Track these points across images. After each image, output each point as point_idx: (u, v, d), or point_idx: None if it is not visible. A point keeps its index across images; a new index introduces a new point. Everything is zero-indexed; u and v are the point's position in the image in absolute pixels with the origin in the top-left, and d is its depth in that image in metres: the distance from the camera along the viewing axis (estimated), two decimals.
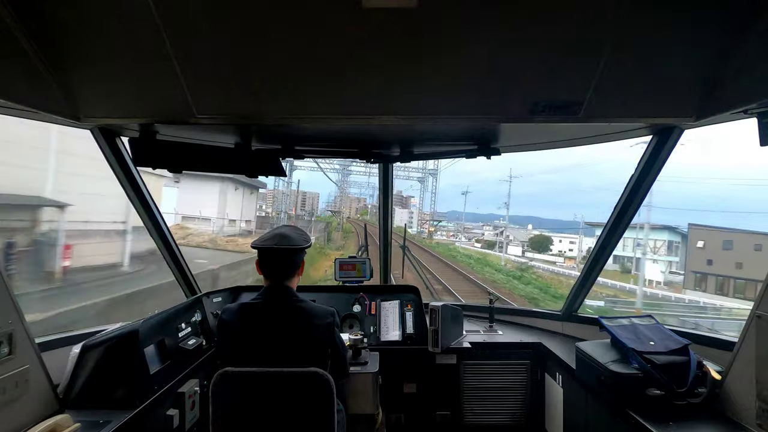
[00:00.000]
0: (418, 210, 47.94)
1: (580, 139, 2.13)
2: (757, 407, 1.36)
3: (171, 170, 2.05)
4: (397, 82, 1.52)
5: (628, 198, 2.06)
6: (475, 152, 2.24)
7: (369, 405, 2.01)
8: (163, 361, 1.79)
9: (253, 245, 1.65)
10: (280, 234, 1.67)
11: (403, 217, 55.68)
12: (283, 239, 1.64)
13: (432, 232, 42.32)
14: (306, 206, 55.08)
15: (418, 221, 47.37)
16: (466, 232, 58.75)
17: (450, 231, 57.14)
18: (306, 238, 1.73)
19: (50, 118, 1.62)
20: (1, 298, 1.29)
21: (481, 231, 58.65)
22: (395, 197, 48.37)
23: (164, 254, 2.40)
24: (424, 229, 43.36)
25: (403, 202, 75.97)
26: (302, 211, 38.50)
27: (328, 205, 59.42)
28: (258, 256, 1.65)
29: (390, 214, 3.05)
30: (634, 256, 25.81)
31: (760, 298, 1.39)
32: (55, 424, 1.28)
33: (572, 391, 2.11)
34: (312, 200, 68.70)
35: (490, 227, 56.28)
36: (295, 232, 1.72)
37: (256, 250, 1.65)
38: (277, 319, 1.58)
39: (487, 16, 1.30)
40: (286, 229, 1.72)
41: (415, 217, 53.64)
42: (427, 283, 4.10)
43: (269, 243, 1.63)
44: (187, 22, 1.33)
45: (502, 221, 37.09)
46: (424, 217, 45.10)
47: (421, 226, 44.82)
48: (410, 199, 60.78)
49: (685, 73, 1.46)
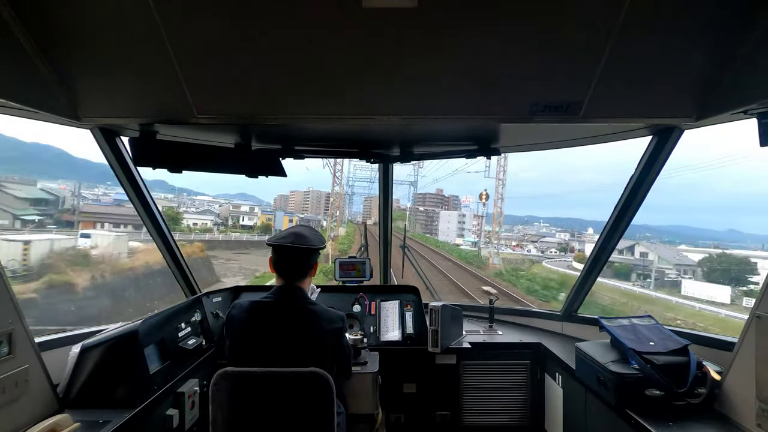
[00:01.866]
0: (477, 213, 34.15)
1: (580, 139, 2.13)
2: (757, 407, 1.35)
3: (171, 170, 2.05)
4: (397, 82, 1.52)
5: (628, 198, 2.06)
6: (475, 152, 2.24)
7: (369, 405, 2.01)
8: (163, 361, 1.79)
9: (269, 242, 1.64)
10: (296, 233, 1.65)
11: (451, 224, 43.46)
12: (299, 238, 1.62)
13: (516, 247, 28.63)
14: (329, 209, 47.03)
15: (480, 231, 33.53)
16: (529, 240, 40.56)
17: (512, 241, 41.79)
18: (321, 239, 1.73)
19: (50, 118, 1.62)
20: (1, 298, 1.29)
21: (559, 239, 42.02)
22: (435, 197, 41.17)
23: (164, 254, 2.40)
24: (492, 240, 29.67)
25: (445, 202, 64.18)
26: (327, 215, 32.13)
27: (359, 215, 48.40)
28: (272, 253, 1.65)
29: (390, 213, 3.05)
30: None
31: (760, 298, 1.39)
32: (54, 423, 1.28)
33: (572, 391, 2.11)
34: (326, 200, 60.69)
35: (566, 233, 40.83)
36: (311, 232, 1.71)
37: None
38: (288, 320, 1.57)
39: (487, 17, 1.30)
40: (302, 228, 1.71)
41: (469, 223, 39.99)
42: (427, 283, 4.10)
43: (285, 241, 1.61)
44: (187, 22, 1.33)
45: (542, 223, 30.98)
46: (489, 224, 31.12)
47: (489, 238, 31.05)
48: (453, 198, 46.71)
49: (685, 73, 1.46)
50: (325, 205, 49.38)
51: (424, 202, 66.58)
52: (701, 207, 68.18)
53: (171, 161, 2.00)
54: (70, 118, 1.62)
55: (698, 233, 59.74)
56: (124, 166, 2.03)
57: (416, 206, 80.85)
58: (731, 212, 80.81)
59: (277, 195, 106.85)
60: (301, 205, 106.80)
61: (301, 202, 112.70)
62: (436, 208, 44.19)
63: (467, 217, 43.04)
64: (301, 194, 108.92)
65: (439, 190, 47.45)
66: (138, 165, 2.03)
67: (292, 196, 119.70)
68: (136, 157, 1.94)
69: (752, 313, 1.41)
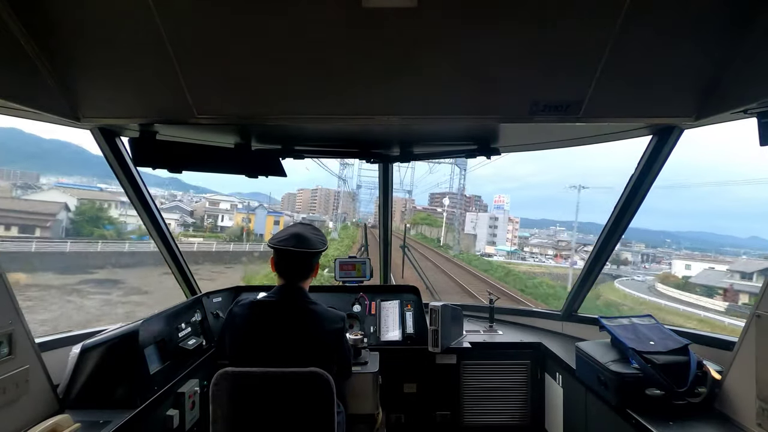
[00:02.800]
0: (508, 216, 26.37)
1: (580, 139, 2.13)
2: (757, 407, 1.35)
3: (171, 170, 2.05)
4: (397, 82, 1.52)
5: (627, 198, 2.06)
6: (475, 152, 2.24)
7: (369, 405, 2.01)
8: (163, 361, 1.79)
9: (270, 244, 1.63)
10: (297, 234, 1.63)
11: (481, 229, 34.45)
12: (300, 241, 1.61)
13: (558, 258, 20.70)
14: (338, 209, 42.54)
15: (515, 236, 26.69)
16: (577, 249, 31.57)
17: (547, 249, 31.23)
18: (323, 239, 1.71)
19: (50, 119, 1.62)
20: (1, 298, 1.29)
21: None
22: (457, 197, 35.38)
23: (164, 254, 2.40)
24: (525, 248, 24.13)
25: (470, 204, 58.24)
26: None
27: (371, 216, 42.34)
28: (274, 254, 1.64)
29: (390, 213, 3.05)
30: None
31: (760, 298, 1.39)
32: (55, 424, 1.28)
33: (572, 391, 2.11)
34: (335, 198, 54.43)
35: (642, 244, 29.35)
36: (312, 232, 1.69)
37: None
38: (289, 320, 1.57)
39: (486, 16, 1.30)
40: (302, 228, 1.69)
41: (502, 227, 32.76)
42: (427, 283, 4.10)
43: (286, 244, 1.60)
44: (187, 22, 1.33)
45: (559, 227, 24.65)
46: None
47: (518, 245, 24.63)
48: (476, 199, 39.78)
49: (685, 72, 1.46)
50: (334, 203, 47.08)
51: (440, 203, 61.13)
52: (720, 213, 64.81)
53: (171, 161, 2.00)
54: (70, 118, 1.62)
55: (721, 240, 56.41)
56: (124, 167, 2.03)
57: (433, 206, 74.00)
58: (751, 219, 77.14)
59: (285, 193, 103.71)
60: (309, 204, 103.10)
61: (309, 200, 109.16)
62: (455, 209, 38.78)
63: (500, 221, 35.07)
64: (309, 192, 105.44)
65: (462, 185, 38.53)
66: (138, 165, 2.02)
67: (299, 194, 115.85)
68: (136, 157, 1.94)
69: (752, 312, 1.41)
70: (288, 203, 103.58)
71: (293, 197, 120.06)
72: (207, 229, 33.45)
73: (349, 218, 39.41)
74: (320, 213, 70.16)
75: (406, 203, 59.01)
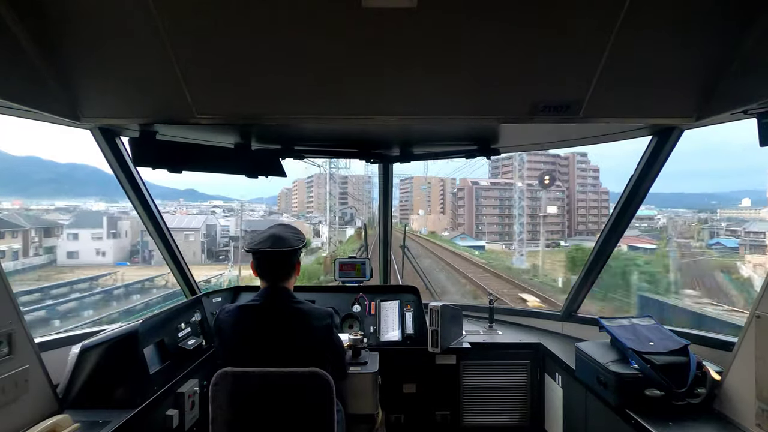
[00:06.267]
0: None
1: (580, 139, 2.13)
2: (757, 407, 1.35)
3: (171, 170, 2.05)
4: (397, 82, 1.52)
5: (628, 198, 2.06)
6: (475, 152, 2.25)
7: (369, 405, 2.00)
8: (163, 361, 1.79)
9: (247, 249, 1.62)
10: (273, 235, 1.62)
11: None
12: (276, 241, 1.60)
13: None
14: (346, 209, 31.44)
15: None
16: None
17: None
18: (300, 237, 1.69)
19: (50, 118, 1.62)
20: (1, 298, 1.29)
21: None
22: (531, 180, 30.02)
23: (164, 254, 2.40)
24: None
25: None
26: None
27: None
28: (252, 258, 1.62)
29: (390, 213, 3.05)
30: None
31: (759, 298, 1.39)
32: (54, 424, 1.28)
33: (572, 391, 2.11)
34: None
35: None
36: (289, 231, 1.68)
37: None
38: (276, 321, 1.57)
39: (486, 17, 1.30)
40: (279, 228, 1.68)
41: None
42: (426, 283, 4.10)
43: (262, 246, 1.58)
44: (187, 22, 1.33)
45: None
46: None
47: None
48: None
49: (685, 73, 1.46)
50: (341, 198, 40.59)
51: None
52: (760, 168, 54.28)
53: (171, 161, 2.00)
54: (69, 118, 1.62)
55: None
56: (124, 167, 2.02)
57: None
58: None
59: (281, 189, 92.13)
60: (305, 203, 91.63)
61: (305, 198, 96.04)
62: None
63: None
64: (305, 185, 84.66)
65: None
66: (138, 165, 2.02)
67: (294, 189, 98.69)
68: (136, 157, 1.94)
69: (752, 312, 1.41)
70: (285, 203, 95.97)
71: (291, 195, 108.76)
72: None
73: (361, 214, 31.71)
74: (319, 213, 62.48)
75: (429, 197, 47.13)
